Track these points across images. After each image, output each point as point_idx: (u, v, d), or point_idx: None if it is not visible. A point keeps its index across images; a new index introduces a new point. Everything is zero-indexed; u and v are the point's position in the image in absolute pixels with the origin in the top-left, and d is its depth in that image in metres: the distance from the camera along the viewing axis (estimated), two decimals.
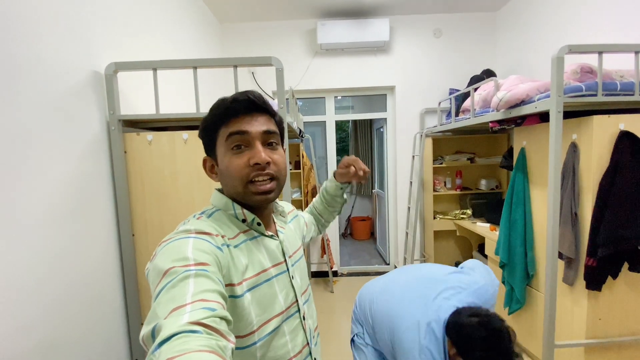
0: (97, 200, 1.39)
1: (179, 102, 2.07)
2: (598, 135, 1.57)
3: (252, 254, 0.64)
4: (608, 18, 2.07)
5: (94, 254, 1.35)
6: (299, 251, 0.79)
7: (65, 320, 1.18)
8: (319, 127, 4.71)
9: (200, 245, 0.54)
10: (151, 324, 0.42)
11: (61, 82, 1.22)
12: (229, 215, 0.66)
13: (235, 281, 0.58)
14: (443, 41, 3.31)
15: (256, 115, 0.64)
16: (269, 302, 0.63)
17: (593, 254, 1.56)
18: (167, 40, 2.08)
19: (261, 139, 0.64)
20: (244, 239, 0.64)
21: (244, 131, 0.62)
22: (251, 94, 0.63)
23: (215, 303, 0.45)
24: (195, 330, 0.39)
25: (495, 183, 3.19)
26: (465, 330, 0.99)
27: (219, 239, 0.59)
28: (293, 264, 0.73)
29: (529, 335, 2.05)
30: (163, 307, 0.43)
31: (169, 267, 0.48)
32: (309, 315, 0.75)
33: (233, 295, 0.58)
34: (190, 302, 0.43)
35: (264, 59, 1.41)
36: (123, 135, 1.47)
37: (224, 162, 0.64)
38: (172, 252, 0.51)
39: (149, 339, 0.41)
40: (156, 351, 0.37)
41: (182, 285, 0.45)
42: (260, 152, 0.62)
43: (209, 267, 0.50)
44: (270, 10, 3.07)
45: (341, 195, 0.99)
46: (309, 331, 0.73)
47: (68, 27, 1.26)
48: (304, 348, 0.70)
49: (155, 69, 1.45)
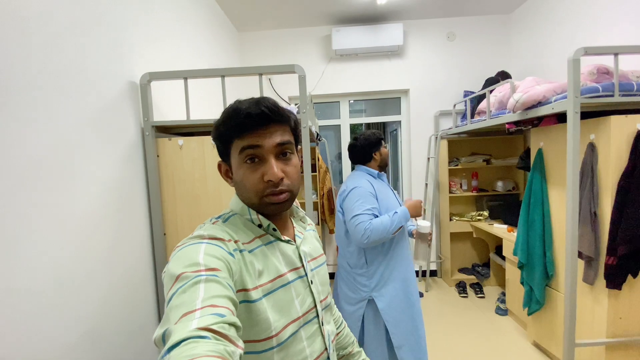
0: (133, 201, 1.48)
1: (204, 108, 2.18)
2: (616, 135, 1.58)
3: (268, 259, 0.64)
4: (622, 18, 2.08)
5: (131, 251, 1.44)
6: (321, 258, 0.78)
7: (109, 312, 1.27)
8: (331, 131, 4.79)
9: (211, 251, 0.55)
10: (163, 328, 0.43)
11: (100, 91, 1.32)
12: (245, 220, 0.67)
13: (250, 286, 0.58)
14: (457, 44, 3.35)
15: (270, 128, 0.63)
16: (286, 307, 0.63)
17: (613, 253, 1.57)
18: (191, 50, 2.20)
19: (275, 151, 0.63)
20: (259, 244, 0.64)
21: (258, 145, 0.62)
22: (264, 105, 0.61)
23: (225, 309, 0.45)
24: (204, 336, 0.40)
25: (512, 184, 3.18)
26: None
27: (232, 244, 0.60)
28: (313, 269, 0.72)
29: (549, 336, 2.05)
30: (174, 312, 0.44)
31: (180, 272, 0.49)
32: (327, 322, 0.74)
33: (248, 300, 0.58)
34: (199, 308, 0.44)
35: (288, 67, 1.49)
36: (156, 140, 1.57)
37: (238, 173, 0.64)
38: (184, 258, 0.52)
39: (160, 342, 0.43)
40: (165, 356, 0.38)
41: (193, 291, 0.46)
42: (273, 169, 0.61)
43: (219, 272, 0.51)
44: (286, 19, 3.18)
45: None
46: (327, 337, 0.71)
47: (106, 40, 1.36)
48: (322, 354, 0.69)
49: (186, 78, 1.55)
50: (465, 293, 3.05)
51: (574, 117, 1.51)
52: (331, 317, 0.79)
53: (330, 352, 0.72)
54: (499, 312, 2.69)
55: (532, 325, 2.21)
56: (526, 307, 2.13)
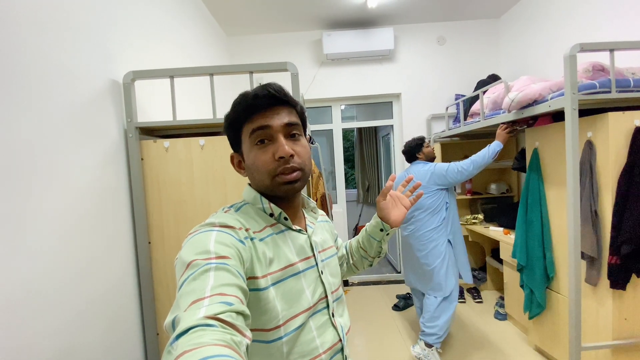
0: (115, 207, 1.38)
1: (191, 109, 2.10)
2: (614, 132, 1.56)
3: (278, 248, 0.64)
4: (605, 24, 2.11)
5: (112, 261, 1.33)
6: (331, 249, 0.78)
7: (85, 327, 1.16)
8: (323, 136, 4.74)
9: (222, 239, 0.55)
10: (173, 315, 0.44)
11: (80, 90, 1.23)
12: (257, 209, 0.67)
13: (259, 274, 0.58)
14: (447, 48, 3.36)
15: (278, 109, 0.64)
16: (296, 296, 0.63)
17: (616, 252, 1.53)
18: (178, 53, 2.12)
19: (283, 131, 0.64)
20: (270, 233, 0.65)
21: (267, 125, 0.63)
22: (271, 87, 0.63)
23: (233, 297, 0.46)
24: (211, 325, 0.40)
25: (505, 187, 3.17)
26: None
27: (242, 232, 0.59)
28: (323, 259, 0.72)
29: (552, 340, 2.00)
30: (184, 299, 0.45)
31: (191, 260, 0.50)
32: (339, 314, 0.73)
33: (257, 288, 0.58)
34: (208, 296, 0.44)
35: (280, 65, 1.43)
36: (140, 142, 1.48)
37: (250, 157, 0.65)
38: (196, 245, 0.53)
39: (170, 328, 0.43)
40: (173, 343, 0.39)
41: (203, 279, 0.47)
42: (283, 146, 0.62)
43: (229, 260, 0.52)
44: (277, 23, 3.14)
45: (380, 238, 0.82)
46: (341, 329, 0.70)
47: (88, 37, 1.28)
48: (335, 345, 0.68)
49: (172, 76, 1.47)
50: (463, 298, 2.99)
51: (572, 114, 1.49)
52: (344, 311, 0.76)
53: (345, 344, 0.71)
54: (498, 316, 2.64)
55: (534, 330, 2.16)
56: (527, 310, 2.08)
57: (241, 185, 1.48)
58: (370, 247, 0.85)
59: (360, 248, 0.88)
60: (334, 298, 0.72)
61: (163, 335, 1.50)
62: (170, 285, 1.50)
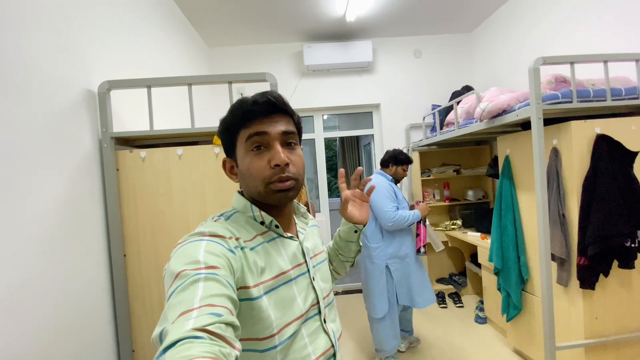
0: (88, 219, 1.34)
1: (170, 119, 2.07)
2: (577, 139, 1.66)
3: (270, 256, 0.63)
4: (568, 34, 2.25)
5: (84, 275, 1.29)
6: (322, 254, 0.78)
7: (54, 344, 1.11)
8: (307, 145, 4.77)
9: (212, 248, 0.54)
10: (160, 327, 0.43)
11: (53, 99, 1.21)
12: (247, 217, 0.67)
13: (251, 283, 0.57)
14: (423, 61, 3.49)
15: (276, 117, 0.65)
16: (288, 304, 0.62)
17: (583, 253, 1.61)
18: (158, 62, 2.11)
19: (280, 139, 0.64)
20: (262, 241, 0.64)
21: (264, 132, 0.63)
22: (270, 95, 0.64)
23: (223, 308, 0.45)
24: (199, 337, 0.40)
25: (481, 193, 3.27)
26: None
27: (233, 241, 0.59)
28: (315, 265, 0.72)
29: (529, 341, 2.05)
30: (172, 311, 0.44)
31: (180, 270, 0.49)
32: (331, 320, 0.72)
33: (249, 298, 0.57)
34: (197, 307, 0.44)
35: (259, 75, 1.45)
36: (116, 152, 1.45)
37: (244, 163, 0.65)
38: (185, 255, 0.52)
39: (157, 341, 0.43)
40: (161, 357, 0.38)
41: (192, 289, 0.46)
42: (279, 153, 0.62)
43: (219, 270, 0.51)
44: (258, 35, 3.17)
45: (356, 239, 0.85)
46: (333, 334, 0.70)
47: (61, 45, 1.27)
48: (328, 351, 0.67)
49: (149, 86, 1.46)
50: (445, 303, 3.03)
51: (538, 123, 1.57)
52: (336, 316, 0.76)
53: (337, 350, 0.71)
54: (478, 320, 2.69)
55: (512, 332, 2.21)
56: (505, 313, 2.13)
57: (221, 196, 1.47)
58: (349, 250, 0.87)
59: (339, 254, 0.89)
60: (326, 304, 0.72)
61: (139, 353, 1.45)
62: (146, 299, 1.46)
